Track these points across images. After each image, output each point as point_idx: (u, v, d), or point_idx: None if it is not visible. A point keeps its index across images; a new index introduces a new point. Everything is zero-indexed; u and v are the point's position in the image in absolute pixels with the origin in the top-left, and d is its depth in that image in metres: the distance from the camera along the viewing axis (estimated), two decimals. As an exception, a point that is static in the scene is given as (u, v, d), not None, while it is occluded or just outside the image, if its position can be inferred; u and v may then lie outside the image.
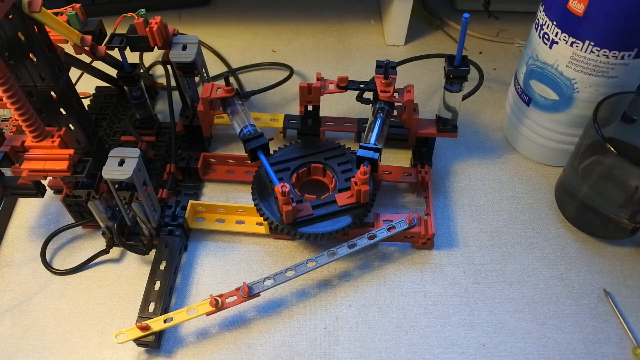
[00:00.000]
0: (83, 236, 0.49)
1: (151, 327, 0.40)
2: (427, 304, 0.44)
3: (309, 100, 0.50)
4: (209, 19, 0.72)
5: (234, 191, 0.52)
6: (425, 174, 0.50)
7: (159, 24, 0.47)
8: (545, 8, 0.45)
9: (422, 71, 0.64)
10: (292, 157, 0.49)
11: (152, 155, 0.53)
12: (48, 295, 0.45)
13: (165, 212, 0.47)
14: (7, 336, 0.43)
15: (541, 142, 0.52)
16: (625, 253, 0.47)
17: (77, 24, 0.45)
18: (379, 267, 0.46)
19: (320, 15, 0.73)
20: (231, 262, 0.47)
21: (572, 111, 0.47)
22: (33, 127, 0.37)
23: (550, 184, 0.52)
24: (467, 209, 0.50)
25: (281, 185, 0.41)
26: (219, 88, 0.48)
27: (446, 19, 0.72)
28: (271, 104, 0.61)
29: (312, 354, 0.41)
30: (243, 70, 0.65)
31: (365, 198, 0.44)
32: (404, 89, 0.48)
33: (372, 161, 0.43)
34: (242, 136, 0.45)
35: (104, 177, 0.39)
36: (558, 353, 0.41)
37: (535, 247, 0.48)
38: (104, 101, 0.58)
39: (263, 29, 0.71)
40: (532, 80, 0.49)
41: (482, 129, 0.58)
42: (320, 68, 0.65)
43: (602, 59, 0.43)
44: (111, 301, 0.45)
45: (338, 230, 0.44)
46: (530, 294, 0.45)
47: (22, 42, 0.36)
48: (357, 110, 0.60)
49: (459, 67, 0.44)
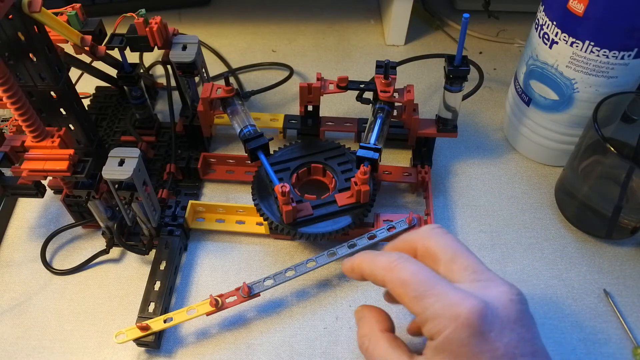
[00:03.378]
0: (83, 236, 0.49)
1: (151, 327, 0.40)
2: (427, 304, 0.44)
3: (309, 100, 0.50)
4: (209, 19, 0.72)
5: (234, 191, 0.52)
6: (425, 174, 0.50)
7: (159, 24, 0.47)
8: (545, 8, 0.45)
9: (422, 71, 0.64)
10: (292, 157, 0.49)
11: (152, 155, 0.53)
12: (48, 295, 0.45)
13: (165, 212, 0.47)
14: (7, 336, 0.43)
15: (541, 142, 0.52)
16: (625, 253, 0.47)
17: (77, 24, 0.45)
18: (379, 267, 0.46)
19: (320, 15, 0.73)
20: (231, 262, 0.47)
21: (572, 111, 0.47)
22: (33, 127, 0.37)
23: (550, 184, 0.52)
24: (467, 209, 0.50)
25: (281, 185, 0.41)
26: (219, 88, 0.48)
27: (446, 19, 0.72)
28: (271, 104, 0.61)
29: (312, 354, 0.41)
30: (243, 70, 0.65)
31: (365, 198, 0.44)
32: (404, 89, 0.48)
33: (372, 161, 0.43)
34: (242, 136, 0.45)
35: (104, 177, 0.39)
36: (558, 353, 0.41)
37: (535, 247, 0.48)
38: (104, 101, 0.58)
39: (263, 29, 0.71)
40: (532, 80, 0.49)
41: (482, 129, 0.58)
42: (320, 68, 0.65)
43: (602, 59, 0.43)
44: (111, 301, 0.45)
45: (338, 230, 0.44)
46: (530, 294, 0.44)
47: (22, 42, 0.36)
48: (357, 110, 0.60)
49: (459, 67, 0.44)
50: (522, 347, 0.29)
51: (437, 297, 0.29)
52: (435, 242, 0.33)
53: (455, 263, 0.32)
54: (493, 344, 0.28)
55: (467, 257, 0.32)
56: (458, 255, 0.32)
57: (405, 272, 0.31)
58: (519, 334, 0.29)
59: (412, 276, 0.31)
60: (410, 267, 0.31)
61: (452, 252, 0.32)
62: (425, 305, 0.29)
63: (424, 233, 0.34)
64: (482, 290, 0.30)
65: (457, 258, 0.32)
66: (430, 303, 0.29)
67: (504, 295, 0.30)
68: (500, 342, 0.28)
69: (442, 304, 0.29)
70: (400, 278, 0.31)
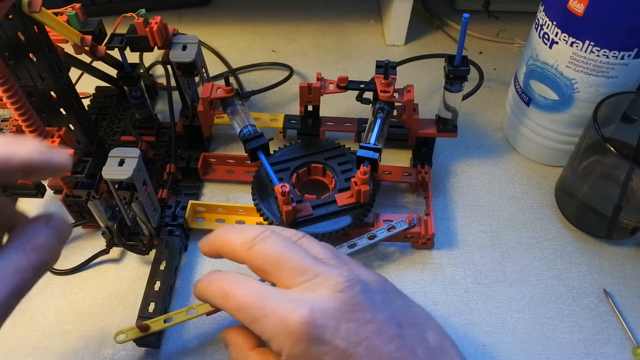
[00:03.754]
0: (83, 236, 0.49)
1: (151, 327, 0.40)
2: (427, 303, 0.44)
3: (309, 100, 0.50)
4: (209, 19, 0.72)
5: (234, 191, 0.52)
6: (425, 174, 0.50)
7: (159, 24, 0.47)
8: (545, 8, 0.45)
9: (422, 71, 0.64)
10: (292, 157, 0.49)
11: (152, 155, 0.53)
12: (48, 295, 0.45)
13: (165, 212, 0.47)
14: (7, 336, 0.43)
15: (541, 142, 0.52)
16: (625, 253, 0.47)
17: (77, 24, 0.45)
18: (379, 267, 0.46)
19: (320, 15, 0.73)
20: (231, 262, 0.47)
21: (572, 111, 0.47)
22: (33, 127, 0.37)
23: (550, 184, 0.52)
24: (467, 209, 0.50)
25: (281, 186, 0.41)
26: (219, 88, 0.48)
27: (446, 19, 0.72)
28: (271, 104, 0.61)
29: (312, 354, 0.41)
30: (243, 70, 0.65)
31: (365, 198, 0.44)
32: (404, 89, 0.48)
33: (372, 161, 0.43)
34: (242, 136, 0.45)
35: (104, 177, 0.39)
36: (558, 353, 0.41)
37: (535, 247, 0.48)
38: (104, 101, 0.58)
39: (263, 29, 0.71)
40: (532, 80, 0.49)
41: (482, 129, 0.58)
42: (320, 68, 0.65)
43: (602, 59, 0.43)
44: (111, 301, 0.45)
45: (338, 230, 0.44)
46: (530, 294, 0.45)
47: (22, 42, 0.36)
48: (357, 110, 0.60)
49: (459, 67, 0.44)
50: (364, 330, 0.29)
51: (269, 316, 0.29)
52: (256, 256, 0.32)
53: (282, 270, 0.31)
54: (332, 343, 0.28)
55: (293, 259, 0.31)
56: (283, 259, 0.31)
57: (236, 298, 0.31)
58: (358, 320, 0.29)
59: (244, 300, 0.30)
60: (240, 290, 0.31)
61: (275, 259, 0.31)
62: (262, 327, 0.29)
63: (250, 243, 0.32)
64: (310, 291, 0.30)
65: (283, 263, 0.31)
66: (265, 324, 0.29)
67: (331, 289, 0.30)
68: (339, 338, 0.28)
69: (274, 324, 0.29)
70: (235, 305, 0.31)
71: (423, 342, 0.30)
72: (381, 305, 0.30)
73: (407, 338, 0.30)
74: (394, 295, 0.32)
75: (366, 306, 0.30)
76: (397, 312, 0.31)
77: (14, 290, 0.26)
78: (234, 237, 0.33)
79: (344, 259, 0.34)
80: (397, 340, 0.29)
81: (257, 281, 0.32)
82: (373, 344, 0.29)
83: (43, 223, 0.28)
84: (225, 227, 0.35)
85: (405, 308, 0.32)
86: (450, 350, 0.31)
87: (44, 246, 0.27)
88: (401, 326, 0.30)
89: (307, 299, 0.29)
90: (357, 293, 0.30)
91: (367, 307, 0.30)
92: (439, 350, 0.31)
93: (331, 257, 0.33)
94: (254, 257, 0.32)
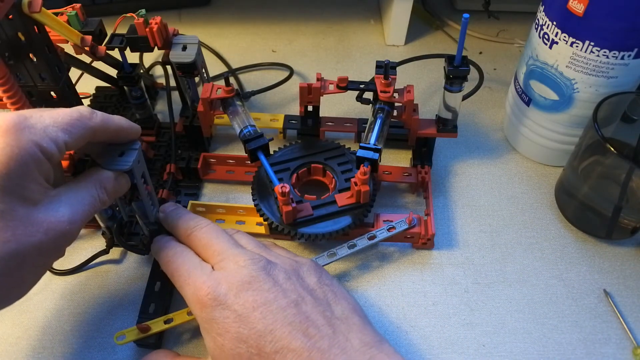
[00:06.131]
0: (83, 236, 0.49)
1: (151, 328, 0.40)
2: (427, 304, 0.44)
3: (309, 100, 0.50)
4: (209, 19, 0.72)
5: (234, 191, 0.52)
6: (425, 174, 0.50)
7: (159, 24, 0.47)
8: (545, 8, 0.45)
9: (422, 71, 0.64)
10: (292, 157, 0.49)
11: (152, 155, 0.53)
12: (48, 295, 0.45)
13: (165, 212, 0.47)
14: (7, 336, 0.43)
15: (541, 142, 0.52)
16: (625, 253, 0.47)
17: (77, 24, 0.45)
18: (379, 267, 0.46)
19: (320, 15, 0.73)
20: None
21: (572, 111, 0.47)
22: (33, 127, 0.37)
23: (550, 184, 0.52)
24: (467, 209, 0.50)
25: (281, 186, 0.41)
26: (219, 88, 0.48)
27: (446, 19, 0.72)
28: (271, 104, 0.61)
29: (312, 354, 0.41)
30: (243, 71, 0.65)
31: (365, 198, 0.44)
32: (404, 89, 0.48)
33: (372, 161, 0.43)
34: (242, 136, 0.45)
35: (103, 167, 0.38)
36: (558, 353, 0.41)
37: (535, 247, 0.48)
38: (104, 101, 0.58)
39: (263, 29, 0.71)
40: (532, 80, 0.49)
41: (482, 129, 0.58)
42: (320, 68, 0.65)
43: (602, 59, 0.43)
44: (111, 301, 0.45)
45: (338, 230, 0.44)
46: (530, 294, 0.45)
47: (22, 42, 0.36)
48: (357, 110, 0.60)
49: (459, 67, 0.44)
50: (260, 298, 0.34)
51: (190, 285, 0.36)
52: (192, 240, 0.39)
53: (208, 251, 0.38)
54: (231, 307, 0.33)
55: (216, 244, 0.38)
56: (209, 244, 0.38)
57: (173, 266, 0.38)
58: (255, 290, 0.34)
59: (177, 268, 0.37)
60: (178, 260, 0.38)
61: (205, 243, 0.38)
62: (184, 294, 0.36)
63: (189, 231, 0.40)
64: (222, 267, 0.36)
65: (209, 247, 0.38)
66: (186, 291, 0.36)
67: (236, 265, 0.36)
68: (237, 304, 0.33)
69: (191, 292, 0.35)
70: (170, 271, 0.38)
71: (326, 312, 0.35)
72: (283, 280, 0.35)
73: (307, 306, 0.34)
74: (306, 276, 0.37)
75: (265, 279, 0.35)
76: (303, 287, 0.36)
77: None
78: (180, 224, 0.41)
79: (265, 250, 0.39)
80: (293, 308, 0.34)
81: (193, 256, 0.38)
82: (269, 309, 0.33)
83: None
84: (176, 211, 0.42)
85: (319, 286, 0.37)
86: (354, 319, 0.35)
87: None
88: (303, 297, 0.35)
89: (217, 274, 0.36)
90: (258, 268, 0.35)
91: (265, 279, 0.35)
92: (343, 320, 0.34)
93: (255, 246, 0.39)
94: (191, 241, 0.39)
